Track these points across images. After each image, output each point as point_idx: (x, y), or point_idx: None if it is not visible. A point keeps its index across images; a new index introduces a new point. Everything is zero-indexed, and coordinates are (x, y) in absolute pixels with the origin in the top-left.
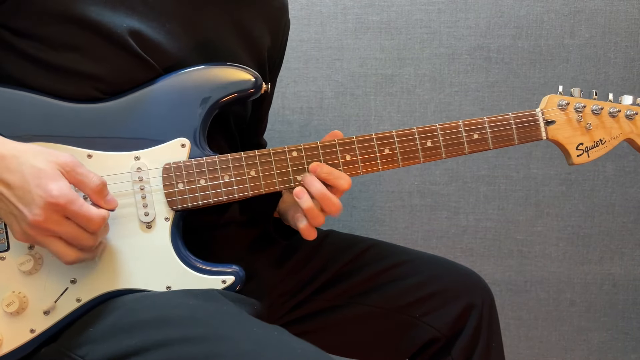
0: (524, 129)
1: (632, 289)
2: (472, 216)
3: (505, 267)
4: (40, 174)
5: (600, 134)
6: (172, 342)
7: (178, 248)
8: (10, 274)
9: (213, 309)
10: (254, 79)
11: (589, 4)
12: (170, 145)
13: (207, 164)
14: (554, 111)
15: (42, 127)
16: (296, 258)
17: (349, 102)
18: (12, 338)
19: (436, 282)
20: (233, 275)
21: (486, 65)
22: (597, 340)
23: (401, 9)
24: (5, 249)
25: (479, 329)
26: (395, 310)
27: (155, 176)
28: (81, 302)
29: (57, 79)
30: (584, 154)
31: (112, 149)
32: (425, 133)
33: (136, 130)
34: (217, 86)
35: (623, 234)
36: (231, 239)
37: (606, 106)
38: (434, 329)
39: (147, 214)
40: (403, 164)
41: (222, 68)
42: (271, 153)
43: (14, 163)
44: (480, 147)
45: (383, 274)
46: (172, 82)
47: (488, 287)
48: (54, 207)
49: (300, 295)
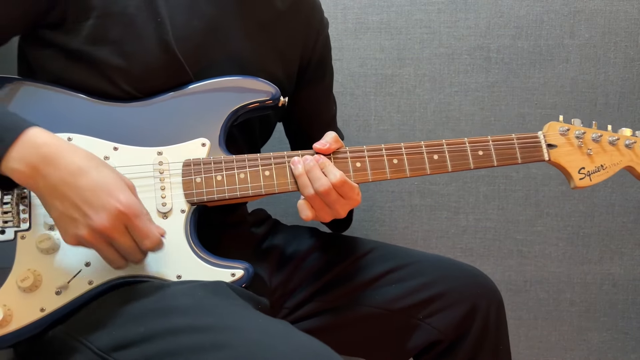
0: (527, 150)
1: (631, 289)
2: (472, 216)
3: (505, 267)
4: (111, 182)
5: (601, 159)
6: (179, 330)
7: (191, 240)
8: (28, 252)
9: (219, 300)
10: (273, 91)
11: (588, 4)
12: (191, 143)
13: (224, 161)
14: (555, 135)
15: (71, 121)
16: (298, 259)
17: (349, 102)
18: (22, 315)
19: (440, 284)
20: (243, 270)
21: (486, 65)
22: (597, 340)
23: (401, 9)
24: (27, 228)
25: (485, 332)
26: (397, 311)
27: (175, 169)
28: (93, 285)
29: (94, 74)
30: (586, 178)
31: (137, 144)
32: (432, 147)
33: (161, 129)
34: (238, 95)
35: (623, 234)
36: (238, 239)
37: (605, 135)
38: (437, 330)
39: (164, 204)
40: (410, 174)
41: (244, 79)
42: (285, 156)
43: (84, 167)
44: (485, 164)
45: (386, 276)
46: (197, 89)
47: (496, 287)
48: (122, 216)
49: (301, 296)
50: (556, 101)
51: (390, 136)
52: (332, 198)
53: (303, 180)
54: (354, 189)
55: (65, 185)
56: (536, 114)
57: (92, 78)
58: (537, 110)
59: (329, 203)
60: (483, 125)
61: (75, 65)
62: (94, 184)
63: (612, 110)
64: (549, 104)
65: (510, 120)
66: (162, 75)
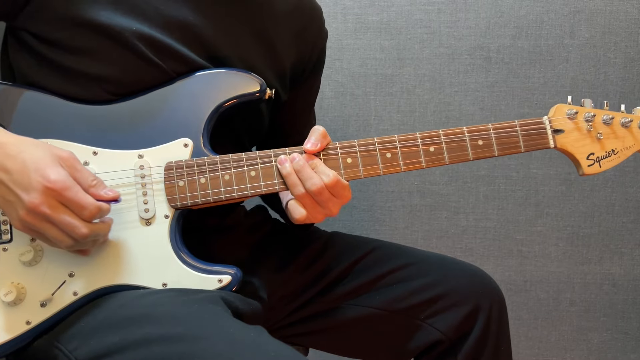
0: (531, 137)
1: (631, 289)
2: (472, 216)
3: (505, 267)
4: (39, 160)
5: (612, 143)
6: (150, 340)
7: (176, 246)
8: (11, 265)
9: (196, 308)
10: (258, 84)
11: (588, 4)
12: (173, 144)
13: (208, 162)
14: (563, 120)
15: (49, 125)
16: (299, 260)
17: (349, 102)
18: (8, 329)
19: (442, 285)
20: (230, 275)
21: (486, 65)
22: (597, 340)
23: (401, 9)
24: (9, 240)
25: (487, 332)
26: (399, 312)
27: (157, 173)
28: (78, 295)
29: (69, 80)
30: (595, 164)
31: (117, 147)
32: (428, 138)
33: (141, 130)
34: (221, 90)
35: (623, 234)
36: (234, 242)
37: (617, 116)
38: (438, 331)
39: (147, 210)
40: (405, 168)
41: (227, 72)
42: (272, 154)
43: (14, 150)
44: (485, 154)
45: (387, 276)
46: (177, 86)
47: (498, 287)
48: (50, 192)
49: (303, 297)
50: (556, 101)
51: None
52: (325, 197)
53: (292, 179)
54: (346, 187)
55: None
56: (536, 114)
57: (67, 86)
58: (537, 110)
59: (321, 202)
60: None
61: (51, 73)
62: (22, 165)
63: (612, 110)
64: (549, 104)
65: (510, 120)
66: (142, 80)
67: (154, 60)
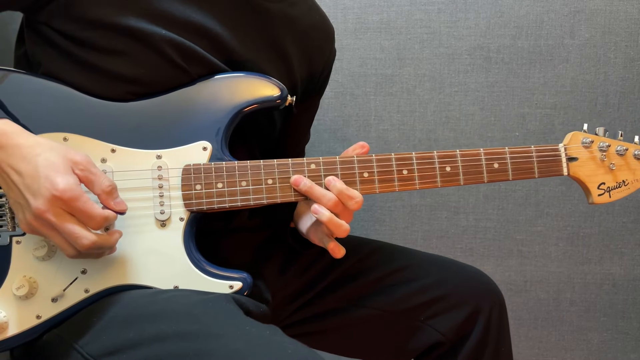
0: (546, 163)
1: (632, 289)
2: (472, 216)
3: (505, 267)
4: (51, 166)
5: (624, 175)
6: (165, 337)
7: (190, 249)
8: (24, 259)
9: (210, 306)
10: (280, 90)
11: (588, 4)
12: (192, 147)
13: (226, 168)
14: (578, 148)
15: (69, 119)
16: (301, 261)
17: (349, 102)
18: (18, 321)
19: (442, 286)
20: (241, 281)
21: (486, 65)
22: (597, 340)
23: (401, 9)
24: (22, 233)
25: (487, 334)
26: (399, 313)
27: (174, 176)
28: (89, 293)
29: (94, 78)
30: (606, 194)
31: (135, 146)
32: (445, 158)
33: (161, 130)
34: (242, 94)
35: (623, 234)
36: (238, 244)
37: (631, 148)
38: (438, 332)
39: (162, 212)
40: (420, 186)
41: (249, 77)
42: (290, 164)
43: (30, 153)
44: (500, 177)
45: (388, 277)
46: (200, 88)
47: (498, 289)
48: (57, 200)
49: (304, 298)
50: (556, 101)
51: (390, 136)
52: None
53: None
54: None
55: (12, 171)
56: (536, 113)
57: (91, 83)
58: (537, 110)
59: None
60: (483, 125)
61: (75, 68)
62: (34, 170)
63: (612, 110)
64: (549, 104)
65: (510, 120)
66: (165, 84)
67: (180, 65)
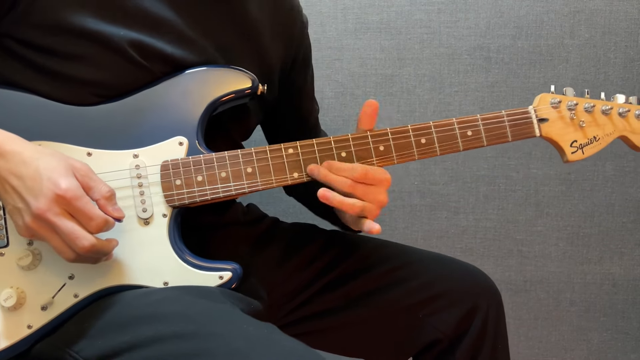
0: (517, 126)
1: (631, 289)
2: (472, 216)
3: (505, 267)
4: (53, 169)
5: (593, 131)
6: (163, 338)
7: (176, 244)
8: (9, 270)
9: (206, 306)
10: (250, 81)
11: (588, 4)
12: (168, 143)
13: (204, 160)
14: (547, 109)
15: (41, 127)
16: (298, 258)
17: (349, 102)
18: (9, 333)
19: (441, 284)
20: (230, 271)
21: (486, 65)
22: (597, 340)
23: (401, 9)
24: (5, 244)
25: (485, 332)
26: (397, 311)
27: (153, 173)
28: (79, 297)
29: (59, 85)
30: (579, 151)
31: (111, 147)
32: (418, 130)
33: (135, 129)
34: (214, 87)
35: (623, 234)
36: (232, 239)
37: (598, 104)
38: (437, 330)
39: (145, 210)
40: (398, 160)
41: (218, 69)
42: (267, 150)
43: (31, 157)
44: (474, 144)
45: (387, 276)
46: (170, 84)
47: (496, 287)
48: (59, 199)
49: (302, 296)
50: None
51: None
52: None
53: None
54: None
55: (11, 176)
56: None
57: (56, 90)
58: None
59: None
60: None
61: (38, 78)
62: (35, 172)
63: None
64: None
65: None
66: (130, 84)
67: (142, 64)
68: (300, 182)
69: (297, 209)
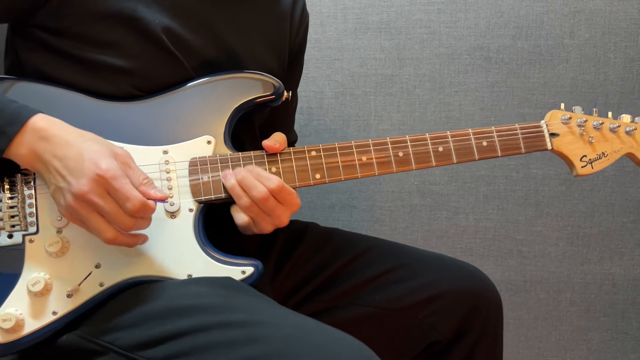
0: (530, 139)
1: (631, 289)
2: (471, 216)
3: (505, 267)
4: (95, 151)
5: (602, 147)
6: (210, 326)
7: (200, 238)
8: (38, 256)
9: (245, 296)
10: (277, 86)
11: (588, 4)
12: (197, 141)
13: (231, 159)
14: (558, 124)
15: (77, 123)
16: (296, 256)
17: (349, 102)
18: (34, 319)
19: (440, 285)
20: (252, 267)
21: (486, 65)
22: (597, 340)
23: (401, 9)
24: (35, 231)
25: (484, 333)
26: (396, 311)
27: (182, 168)
28: (104, 286)
29: (93, 74)
30: (588, 166)
31: (142, 143)
32: (437, 139)
33: (166, 127)
34: (242, 90)
35: (623, 234)
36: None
37: (606, 122)
38: (436, 331)
39: (172, 204)
40: (417, 166)
41: (247, 74)
42: (292, 152)
43: (75, 139)
44: (489, 154)
45: (386, 275)
46: (201, 86)
47: (495, 288)
48: (100, 179)
49: (300, 295)
50: (556, 101)
51: (390, 136)
52: (271, 205)
53: (237, 191)
54: (292, 193)
55: (54, 158)
56: (536, 114)
57: (92, 80)
58: (537, 110)
59: (268, 210)
60: (483, 125)
61: (73, 68)
62: (78, 154)
63: (612, 110)
64: (549, 104)
65: (510, 120)
66: (163, 74)
67: (174, 53)
68: (321, 183)
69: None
